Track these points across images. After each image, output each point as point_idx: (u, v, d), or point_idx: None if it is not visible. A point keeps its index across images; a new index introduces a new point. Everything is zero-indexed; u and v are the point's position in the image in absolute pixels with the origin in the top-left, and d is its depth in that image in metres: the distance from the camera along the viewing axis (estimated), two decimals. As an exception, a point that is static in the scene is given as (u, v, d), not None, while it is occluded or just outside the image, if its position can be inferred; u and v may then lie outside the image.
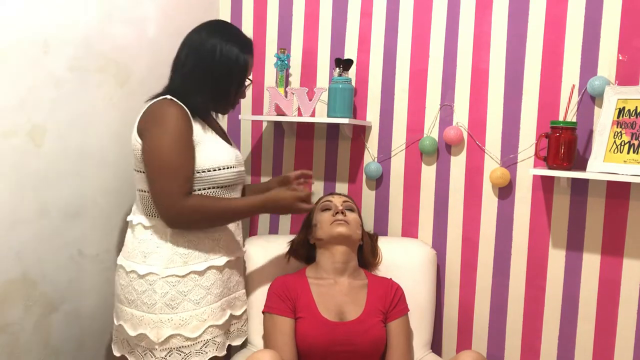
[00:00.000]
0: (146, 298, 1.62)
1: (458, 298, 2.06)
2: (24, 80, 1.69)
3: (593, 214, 1.86)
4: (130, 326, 1.64)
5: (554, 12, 1.87)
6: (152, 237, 1.65)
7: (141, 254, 1.65)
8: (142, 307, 1.62)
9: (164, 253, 1.63)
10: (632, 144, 1.71)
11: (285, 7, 2.28)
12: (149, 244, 1.65)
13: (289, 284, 1.83)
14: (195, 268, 1.64)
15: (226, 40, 1.67)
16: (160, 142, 1.58)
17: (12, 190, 1.70)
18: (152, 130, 1.60)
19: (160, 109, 1.62)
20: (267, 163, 2.35)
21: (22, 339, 1.76)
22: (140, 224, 1.68)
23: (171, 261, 1.63)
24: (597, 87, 1.79)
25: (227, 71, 1.67)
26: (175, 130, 1.58)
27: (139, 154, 1.64)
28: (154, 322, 1.61)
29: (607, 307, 1.85)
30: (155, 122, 1.60)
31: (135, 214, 1.72)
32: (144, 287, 1.62)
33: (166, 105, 1.61)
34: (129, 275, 1.65)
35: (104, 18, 1.90)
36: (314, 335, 1.74)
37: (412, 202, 2.11)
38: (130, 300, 1.64)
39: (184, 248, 1.64)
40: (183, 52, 1.69)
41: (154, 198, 1.61)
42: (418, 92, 2.07)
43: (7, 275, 1.70)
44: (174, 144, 1.58)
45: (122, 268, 1.69)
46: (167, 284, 1.61)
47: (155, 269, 1.62)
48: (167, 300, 1.61)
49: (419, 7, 2.06)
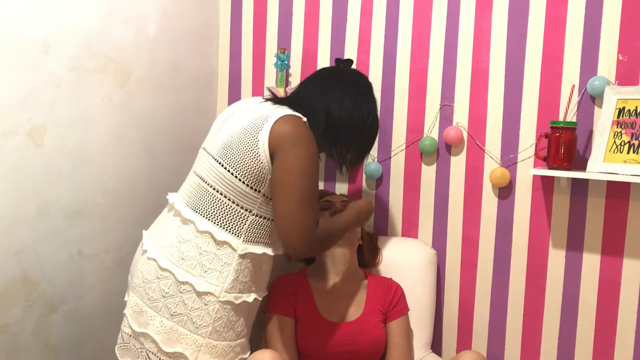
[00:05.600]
0: (196, 317, 1.49)
1: (458, 298, 2.06)
2: (24, 80, 1.69)
3: (593, 214, 1.86)
4: (165, 340, 1.49)
5: (554, 11, 1.87)
6: (219, 253, 1.51)
7: (201, 267, 1.50)
8: (189, 325, 1.49)
9: (227, 275, 1.51)
10: (632, 144, 1.71)
11: (285, 7, 2.27)
12: (213, 259, 1.51)
13: (289, 284, 1.82)
14: (246, 299, 1.56)
15: (375, 108, 1.69)
16: (304, 167, 1.46)
17: (12, 190, 1.70)
18: (293, 150, 1.46)
19: (300, 128, 1.49)
20: (267, 163, 2.35)
21: (22, 339, 1.76)
22: (209, 234, 1.52)
23: (232, 287, 1.52)
24: (597, 87, 1.79)
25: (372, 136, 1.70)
26: (315, 157, 1.49)
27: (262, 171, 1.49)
28: (197, 344, 1.49)
29: (607, 307, 1.85)
30: (297, 142, 1.47)
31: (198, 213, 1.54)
32: (198, 304, 1.49)
33: (305, 126, 1.50)
34: (181, 287, 1.49)
35: (104, 18, 1.90)
36: (314, 336, 1.74)
37: (412, 202, 2.12)
38: (175, 313, 1.49)
39: (244, 276, 1.54)
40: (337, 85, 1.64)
41: (287, 224, 1.47)
42: (418, 92, 2.07)
43: (7, 275, 1.70)
44: (315, 174, 1.49)
45: (169, 273, 1.51)
46: (222, 309, 1.51)
47: (215, 290, 1.50)
48: (218, 326, 1.51)
49: (419, 7, 2.06)
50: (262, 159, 1.48)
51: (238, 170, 1.50)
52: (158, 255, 1.54)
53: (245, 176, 1.50)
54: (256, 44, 2.34)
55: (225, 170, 1.52)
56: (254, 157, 1.48)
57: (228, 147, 1.53)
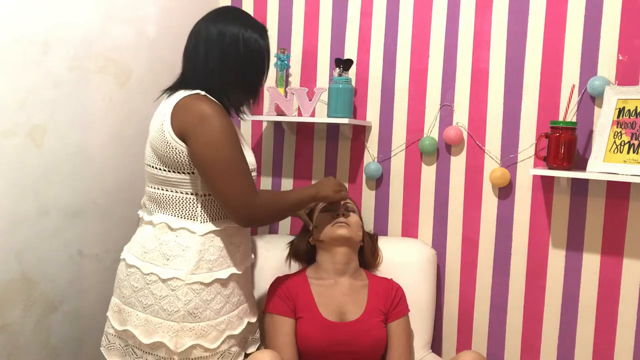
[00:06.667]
0: (166, 304, 1.52)
1: (458, 298, 2.06)
2: (24, 80, 1.69)
3: (593, 214, 1.86)
4: (143, 332, 1.53)
5: (554, 11, 1.87)
6: (177, 239, 1.55)
7: (163, 256, 1.55)
8: (161, 314, 1.52)
9: (190, 258, 1.54)
10: (632, 144, 1.71)
11: (285, 7, 2.28)
12: (173, 247, 1.55)
13: (289, 283, 1.82)
14: (220, 276, 1.57)
15: (245, 27, 1.59)
16: (218, 140, 1.48)
17: (12, 190, 1.70)
18: (201, 129, 1.48)
19: (198, 106, 1.50)
20: (267, 163, 2.35)
21: (22, 339, 1.76)
22: (165, 224, 1.58)
23: (198, 267, 1.54)
24: (597, 87, 1.79)
25: (253, 61, 1.60)
26: (227, 127, 1.50)
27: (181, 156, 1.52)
28: (174, 330, 1.52)
29: (607, 307, 1.85)
30: (201, 120, 1.49)
31: (154, 213, 1.61)
32: (165, 292, 1.52)
33: (203, 102, 1.51)
34: (146, 278, 1.54)
35: (104, 18, 1.90)
36: (315, 336, 1.74)
37: (412, 202, 2.11)
38: (146, 305, 1.53)
39: (211, 254, 1.56)
40: (200, 44, 1.58)
41: (223, 198, 1.51)
42: (418, 92, 2.07)
43: (7, 275, 1.70)
44: (233, 142, 1.50)
45: (135, 269, 1.57)
46: (191, 291, 1.53)
47: (180, 274, 1.53)
48: (191, 308, 1.52)
49: (419, 7, 2.06)
50: (174, 145, 1.52)
51: (164, 165, 1.57)
52: (126, 254, 1.63)
53: (172, 166, 1.56)
54: (256, 44, 2.34)
55: (156, 170, 1.59)
56: (168, 148, 1.53)
57: (152, 150, 1.60)
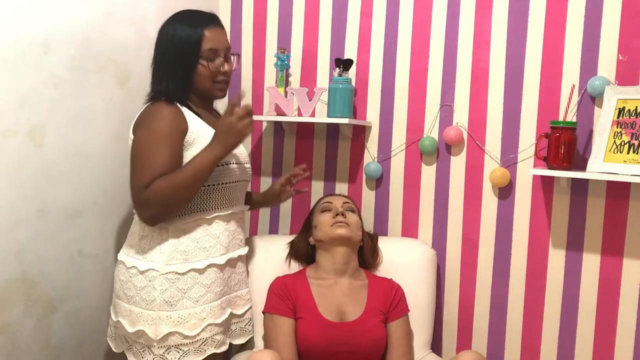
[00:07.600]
0: (145, 294, 1.62)
1: (458, 298, 2.06)
2: (24, 80, 1.69)
3: (593, 214, 1.85)
4: (128, 322, 1.65)
5: (554, 11, 1.87)
6: (152, 234, 1.66)
7: (142, 250, 1.66)
8: (141, 304, 1.63)
9: (165, 250, 1.64)
10: (632, 144, 1.71)
11: (285, 7, 2.27)
12: (150, 240, 1.66)
13: (289, 284, 1.83)
14: (196, 266, 1.65)
15: (180, 23, 1.69)
16: (140, 139, 1.61)
17: (12, 190, 1.70)
18: (140, 130, 1.62)
19: (151, 110, 1.64)
20: (267, 163, 2.35)
21: (22, 339, 1.76)
22: None
23: (172, 258, 1.64)
24: (597, 87, 1.79)
25: (184, 50, 1.67)
26: (159, 129, 1.59)
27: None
28: (152, 318, 1.62)
29: (607, 307, 1.85)
30: (144, 122, 1.63)
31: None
32: (144, 283, 1.63)
33: (158, 106, 1.63)
34: (129, 271, 1.66)
35: (104, 18, 1.90)
36: (314, 336, 1.74)
37: (412, 202, 2.11)
38: (129, 297, 1.65)
39: (185, 245, 1.65)
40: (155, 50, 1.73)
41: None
42: (418, 92, 2.07)
43: (7, 275, 1.70)
44: (153, 141, 1.58)
45: (122, 264, 1.69)
46: (166, 281, 1.62)
47: (156, 266, 1.63)
48: (166, 297, 1.62)
49: (419, 7, 2.06)
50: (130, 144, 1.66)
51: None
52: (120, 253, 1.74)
53: None
54: (256, 44, 2.34)
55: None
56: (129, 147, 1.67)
57: None
